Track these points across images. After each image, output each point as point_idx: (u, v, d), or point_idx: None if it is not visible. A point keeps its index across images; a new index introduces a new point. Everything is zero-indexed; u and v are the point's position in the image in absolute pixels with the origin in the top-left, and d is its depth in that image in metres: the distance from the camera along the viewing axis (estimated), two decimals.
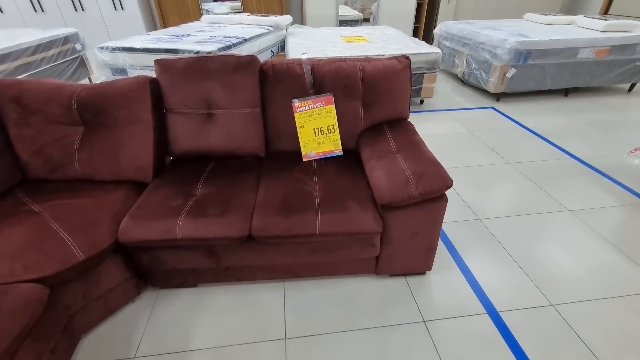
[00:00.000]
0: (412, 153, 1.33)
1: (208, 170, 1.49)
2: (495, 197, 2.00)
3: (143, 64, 2.92)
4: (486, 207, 1.92)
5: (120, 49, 2.89)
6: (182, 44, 2.88)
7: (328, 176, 1.43)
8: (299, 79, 1.50)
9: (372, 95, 1.53)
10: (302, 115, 1.53)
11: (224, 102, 1.49)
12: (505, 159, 2.40)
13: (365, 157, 1.44)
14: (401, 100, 1.57)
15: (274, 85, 1.51)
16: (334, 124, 1.54)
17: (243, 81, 1.47)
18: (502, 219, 1.83)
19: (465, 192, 2.05)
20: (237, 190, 1.36)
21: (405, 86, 1.56)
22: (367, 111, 1.56)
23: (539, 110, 3.24)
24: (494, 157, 2.42)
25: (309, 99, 1.51)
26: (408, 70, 1.55)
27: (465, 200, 1.98)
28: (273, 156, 1.60)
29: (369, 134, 1.55)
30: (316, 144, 1.56)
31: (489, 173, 2.24)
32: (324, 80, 1.51)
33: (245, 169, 1.51)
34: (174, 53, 2.78)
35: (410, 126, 1.55)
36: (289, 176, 1.43)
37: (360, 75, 1.51)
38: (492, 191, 2.05)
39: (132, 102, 1.39)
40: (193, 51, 2.72)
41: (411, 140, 1.42)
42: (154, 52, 2.84)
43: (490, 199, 1.99)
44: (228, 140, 1.52)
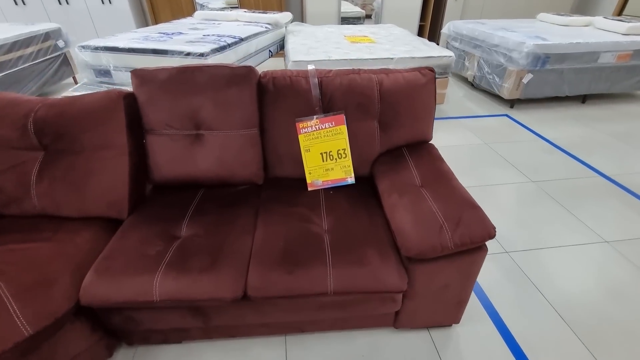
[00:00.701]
0: (442, 189, 1.10)
1: (196, 203, 1.25)
2: (521, 223, 1.79)
3: (129, 65, 2.65)
4: (513, 236, 1.70)
5: (103, 49, 2.62)
6: (171, 43, 2.61)
7: (339, 211, 1.20)
8: (304, 95, 1.26)
9: (390, 114, 1.30)
10: (308, 138, 1.29)
11: (215, 122, 1.25)
12: (528, 177, 2.18)
13: (384, 189, 1.21)
14: (424, 120, 1.34)
15: (274, 102, 1.27)
16: (346, 148, 1.31)
17: (238, 97, 1.23)
18: (532, 252, 1.61)
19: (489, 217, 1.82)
20: (230, 231, 1.12)
21: (430, 104, 1.33)
22: (384, 132, 1.33)
23: (556, 118, 3.03)
24: (515, 175, 2.21)
25: (316, 118, 1.27)
26: (433, 85, 1.32)
27: None
28: (273, 184, 1.37)
29: (387, 159, 1.32)
30: (324, 171, 1.33)
31: (512, 193, 2.02)
32: (334, 96, 1.27)
33: (240, 201, 1.27)
34: (162, 54, 2.52)
35: (435, 151, 1.32)
36: (292, 211, 1.20)
37: (377, 90, 1.27)
38: (518, 216, 1.83)
39: (102, 122, 1.15)
40: (183, 52, 2.47)
41: (438, 170, 1.20)
42: (140, 52, 2.57)
43: (516, 226, 1.77)
44: (220, 167, 1.28)
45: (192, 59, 2.46)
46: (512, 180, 2.15)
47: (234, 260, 1.01)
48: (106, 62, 2.66)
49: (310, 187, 1.34)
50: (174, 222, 1.16)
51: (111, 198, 1.16)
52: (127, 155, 1.18)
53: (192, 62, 2.46)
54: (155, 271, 0.97)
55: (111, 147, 1.16)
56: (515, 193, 2.03)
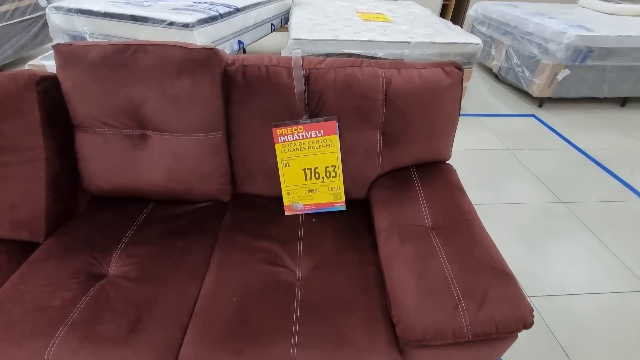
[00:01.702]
0: (461, 239, 0.80)
1: (137, 225, 0.97)
2: (547, 258, 1.48)
3: (106, 32, 2.31)
4: (536, 275, 1.41)
5: (76, 11, 2.28)
6: (154, 10, 2.26)
7: (320, 252, 0.91)
8: (285, 92, 0.94)
9: (399, 124, 0.98)
10: (288, 148, 0.98)
11: (164, 121, 0.94)
12: (557, 196, 1.85)
13: (381, 227, 0.91)
14: (443, 135, 1.02)
15: (245, 100, 0.95)
16: (336, 165, 1.00)
17: (194, 89, 0.91)
18: (559, 299, 1.32)
19: (510, 251, 1.53)
20: (171, 274, 0.84)
21: (453, 114, 1.00)
22: (388, 148, 1.01)
23: (591, 123, 2.64)
24: (542, 192, 1.88)
25: (300, 123, 0.96)
26: (459, 89, 0.98)
27: (511, 265, 1.46)
28: (242, 203, 1.07)
29: (389, 184, 1.01)
30: (306, 192, 1.03)
31: (538, 217, 1.70)
32: (325, 95, 0.95)
33: (194, 226, 0.98)
34: (142, 22, 2.18)
35: (453, 177, 1.00)
36: (259, 247, 0.91)
37: (383, 91, 0.94)
38: (542, 248, 1.53)
39: (6, 117, 0.85)
40: (165, 21, 2.12)
41: (457, 208, 0.89)
42: (118, 18, 2.23)
43: (540, 261, 1.47)
44: (171, 179, 0.99)
45: (176, 30, 2.12)
46: (538, 198, 1.83)
47: (165, 326, 0.73)
48: (80, 28, 2.33)
49: (288, 211, 1.04)
50: (101, 253, 0.88)
51: (19, 216, 0.88)
52: (43, 160, 0.88)
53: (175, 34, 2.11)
54: (52, 336, 0.70)
55: (19, 149, 0.87)
56: (541, 216, 1.71)
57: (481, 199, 1.80)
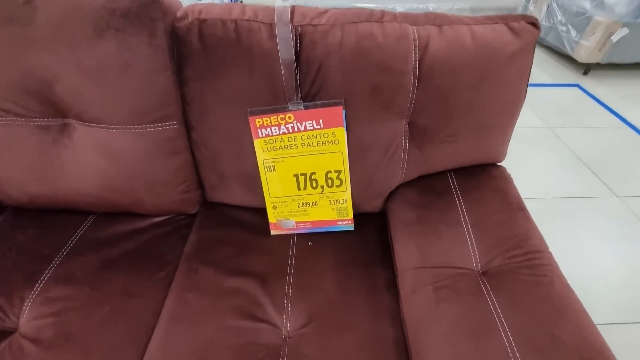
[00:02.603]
0: (534, 303, 0.51)
1: (70, 246, 0.71)
2: (607, 272, 1.20)
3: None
4: (598, 296, 1.13)
5: None
6: None
7: (317, 295, 0.64)
8: (264, 61, 0.62)
9: (436, 110, 0.66)
10: (272, 146, 0.68)
11: (89, 105, 0.64)
12: (609, 187, 1.53)
13: (405, 267, 0.62)
14: (502, 124, 0.69)
15: (205, 74, 0.63)
16: (342, 170, 0.70)
17: (125, 58, 0.59)
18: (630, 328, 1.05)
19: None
20: (103, 333, 0.58)
21: (517, 94, 0.67)
22: (418, 145, 0.70)
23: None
24: (591, 182, 1.56)
25: (289, 110, 0.65)
26: (529, 57, 0.65)
27: None
28: (213, 216, 0.79)
29: (416, 197, 0.71)
30: (300, 206, 0.74)
31: (587, 214, 1.40)
32: (326, 67, 0.62)
33: (146, 251, 0.72)
34: None
35: (512, 190, 0.70)
36: (231, 289, 0.64)
37: (415, 60, 0.61)
38: (601, 258, 1.24)
39: None
40: None
41: (522, 242, 0.59)
42: None
43: (600, 277, 1.19)
44: (107, 187, 0.71)
45: None
46: (587, 191, 1.51)
47: None
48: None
49: (275, 229, 0.76)
50: (11, 294, 0.63)
51: None
52: None
53: None
54: None
55: None
56: (592, 213, 1.40)
57: None
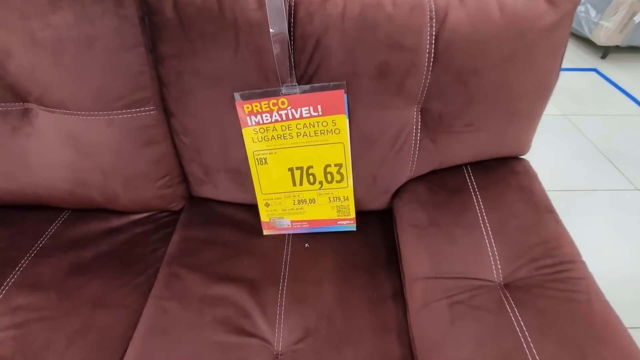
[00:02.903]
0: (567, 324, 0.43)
1: (39, 247, 0.63)
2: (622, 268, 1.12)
3: None
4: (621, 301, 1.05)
5: None
6: None
7: (315, 305, 0.57)
8: (254, 37, 0.52)
9: (454, 94, 0.56)
10: (263, 135, 0.59)
11: (51, 87, 0.55)
12: (631, 181, 1.44)
13: (414, 276, 0.55)
14: (530, 110, 0.60)
15: (184, 51, 0.54)
16: (343, 162, 0.61)
17: (87, 31, 0.50)
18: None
19: None
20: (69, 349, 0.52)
21: (549, 75, 0.57)
22: (430, 136, 0.60)
23: None
24: (611, 174, 1.46)
25: (282, 95, 0.55)
26: (565, 31, 0.55)
27: None
28: (199, 212, 0.71)
29: (427, 195, 0.63)
30: (296, 203, 0.66)
31: (605, 207, 1.31)
32: (325, 43, 0.53)
33: (123, 253, 0.64)
34: None
35: (537, 188, 0.61)
36: (217, 298, 0.57)
37: (431, 35, 0.52)
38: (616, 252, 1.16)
39: None
40: None
41: (551, 250, 0.51)
42: None
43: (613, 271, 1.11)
44: (79, 181, 0.63)
45: None
46: (604, 184, 1.42)
47: None
48: None
49: (268, 229, 0.68)
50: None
51: None
52: None
53: None
54: None
55: None
56: (612, 209, 1.31)
57: None
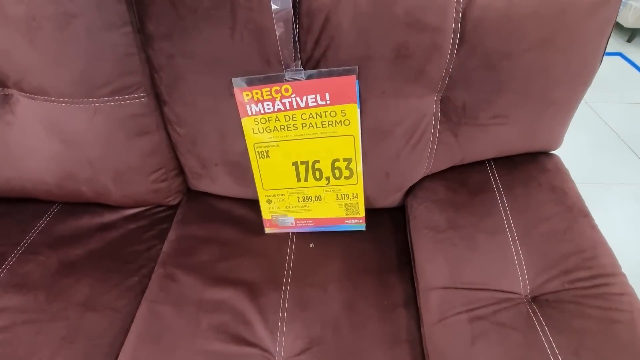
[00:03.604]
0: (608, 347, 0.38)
1: (27, 243, 0.60)
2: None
3: None
4: None
5: None
6: None
7: (320, 312, 0.52)
8: (253, 15, 0.46)
9: (482, 83, 0.49)
10: (265, 126, 0.54)
11: (28, 71, 0.50)
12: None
13: (429, 286, 0.50)
14: (566, 101, 0.53)
15: (174, 30, 0.48)
16: (353, 157, 0.56)
17: (66, 8, 0.44)
18: None
19: None
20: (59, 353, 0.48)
21: (592, 60, 0.50)
22: (452, 128, 0.54)
23: None
24: (634, 165, 1.38)
25: (286, 81, 0.49)
26: (615, 9, 0.47)
27: None
28: (197, 208, 0.66)
29: (445, 194, 0.57)
30: (300, 201, 0.60)
31: (629, 201, 1.24)
32: (334, 21, 0.46)
33: (115, 250, 0.60)
34: None
35: (570, 187, 0.55)
36: (214, 302, 0.53)
37: (456, 13, 0.45)
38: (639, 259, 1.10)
39: None
40: None
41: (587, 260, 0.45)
42: None
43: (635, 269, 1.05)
44: (67, 174, 0.58)
45: None
46: (628, 176, 1.34)
47: None
48: None
49: (270, 227, 0.63)
50: None
51: None
52: None
53: None
54: None
55: None
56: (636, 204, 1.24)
57: None
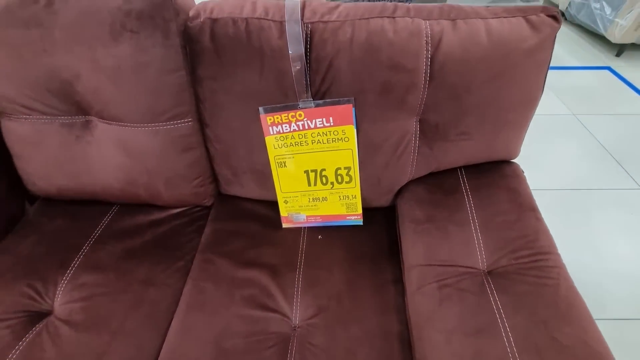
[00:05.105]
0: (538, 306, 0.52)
1: (95, 236, 0.76)
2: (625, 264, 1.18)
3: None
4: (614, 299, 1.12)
5: None
6: None
7: (326, 288, 0.67)
8: (275, 60, 0.62)
9: (448, 108, 0.65)
10: (283, 142, 0.69)
11: (108, 104, 0.67)
12: (635, 180, 1.47)
13: (411, 264, 0.64)
14: (516, 122, 0.68)
15: (218, 73, 0.65)
16: (352, 166, 0.71)
17: (140, 59, 0.61)
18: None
19: (569, 253, 1.22)
20: (127, 317, 0.63)
21: (533, 91, 0.65)
22: (428, 143, 0.69)
23: None
24: (618, 175, 1.50)
25: (299, 108, 0.65)
26: (548, 52, 0.62)
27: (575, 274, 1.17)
28: (227, 208, 0.82)
29: (425, 195, 0.71)
30: (310, 201, 0.76)
31: (610, 206, 1.36)
32: (336, 64, 0.62)
33: (165, 241, 0.76)
34: None
35: (524, 189, 0.69)
36: (244, 280, 0.68)
37: (427, 57, 0.60)
38: (620, 249, 1.21)
39: None
40: None
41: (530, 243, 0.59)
42: None
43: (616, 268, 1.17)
44: (129, 181, 0.74)
45: None
46: (610, 183, 1.46)
47: None
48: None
49: (287, 222, 0.78)
50: (46, 281, 0.68)
51: None
52: None
53: None
54: None
55: None
56: (617, 209, 1.36)
57: (533, 183, 1.46)
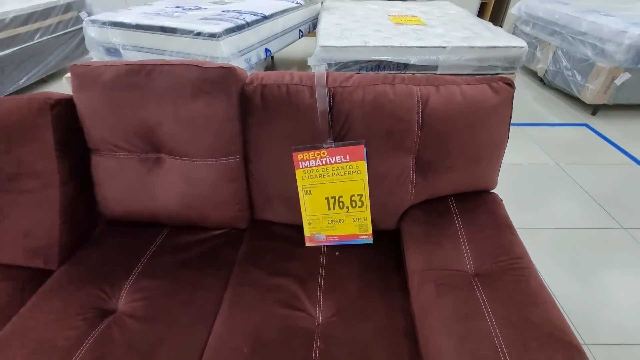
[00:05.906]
0: (514, 296, 0.66)
1: (150, 253, 0.92)
2: (610, 300, 1.28)
3: (137, 44, 2.35)
4: (600, 323, 1.22)
5: (110, 24, 2.34)
6: (182, 20, 2.26)
7: (343, 293, 0.81)
8: (307, 113, 0.85)
9: (436, 149, 0.86)
10: (310, 175, 0.89)
11: (179, 144, 0.88)
12: (617, 220, 1.63)
13: (414, 269, 0.79)
14: (489, 161, 0.88)
15: (263, 122, 0.87)
16: (363, 194, 0.90)
17: (209, 112, 0.84)
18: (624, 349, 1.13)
19: (560, 287, 1.34)
20: (181, 315, 0.78)
21: (500, 137, 0.86)
22: (423, 175, 0.89)
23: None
24: (599, 216, 1.65)
25: (323, 148, 0.86)
26: (508, 109, 0.85)
27: (564, 305, 1.28)
28: (259, 231, 0.99)
29: (423, 217, 0.89)
30: (329, 223, 0.93)
31: (595, 246, 1.49)
32: (351, 117, 0.85)
33: (209, 257, 0.92)
34: (170, 33, 2.19)
35: (501, 211, 0.86)
36: (275, 285, 0.83)
37: (418, 112, 0.83)
38: (604, 287, 1.33)
39: (19, 142, 0.82)
40: (193, 32, 2.11)
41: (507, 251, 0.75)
42: (149, 29, 2.26)
43: (601, 303, 1.27)
44: (185, 205, 0.93)
45: (203, 40, 2.11)
46: (593, 222, 1.61)
47: None
48: (113, 40, 2.38)
49: (309, 242, 0.95)
50: (112, 285, 0.84)
51: (32, 244, 0.86)
52: (57, 186, 0.85)
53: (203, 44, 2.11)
54: None
55: (34, 175, 0.84)
56: (598, 245, 1.50)
57: (525, 222, 1.62)
